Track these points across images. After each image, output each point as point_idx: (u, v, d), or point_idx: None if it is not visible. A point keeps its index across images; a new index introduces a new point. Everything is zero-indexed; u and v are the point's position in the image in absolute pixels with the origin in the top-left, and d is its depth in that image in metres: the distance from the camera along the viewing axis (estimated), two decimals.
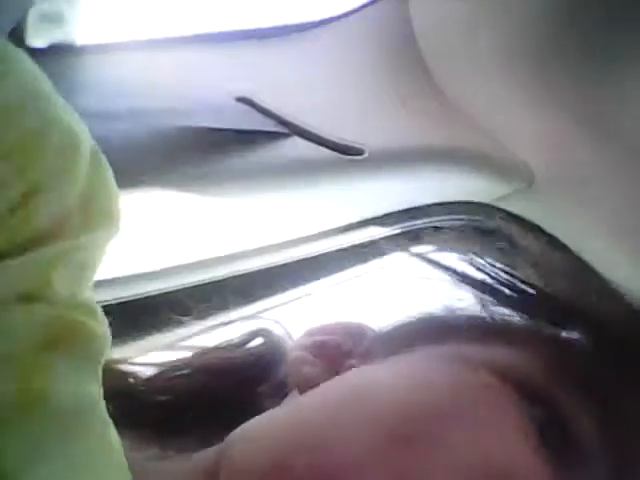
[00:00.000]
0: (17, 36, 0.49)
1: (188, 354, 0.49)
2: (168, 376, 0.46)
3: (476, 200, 0.70)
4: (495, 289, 0.44)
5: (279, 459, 0.34)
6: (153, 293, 0.54)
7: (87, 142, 0.30)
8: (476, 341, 0.40)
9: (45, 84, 0.29)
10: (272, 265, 0.60)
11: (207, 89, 0.57)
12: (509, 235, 0.71)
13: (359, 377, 0.40)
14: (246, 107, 0.57)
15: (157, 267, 0.54)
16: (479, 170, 0.68)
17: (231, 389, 0.46)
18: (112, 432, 0.29)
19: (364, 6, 0.69)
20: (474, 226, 0.70)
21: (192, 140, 0.53)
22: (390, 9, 0.69)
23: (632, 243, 0.67)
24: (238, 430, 0.38)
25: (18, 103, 0.27)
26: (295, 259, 0.61)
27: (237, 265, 0.58)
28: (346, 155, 0.58)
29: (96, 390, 0.29)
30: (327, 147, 0.58)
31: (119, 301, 0.52)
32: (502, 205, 0.71)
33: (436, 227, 0.68)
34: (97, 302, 0.31)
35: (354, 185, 0.59)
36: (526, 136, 0.68)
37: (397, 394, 0.36)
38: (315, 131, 0.58)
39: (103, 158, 0.31)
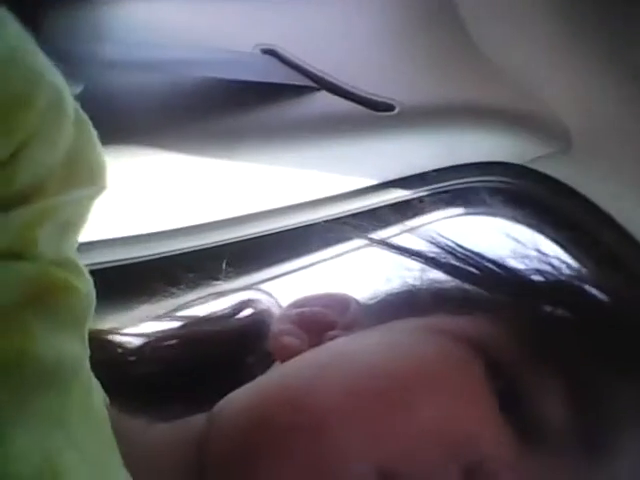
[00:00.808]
0: None
1: (176, 325, 0.48)
2: (156, 346, 0.46)
3: (511, 161, 0.68)
4: (460, 269, 0.44)
5: (264, 417, 0.36)
6: (146, 259, 0.52)
7: (71, 101, 0.29)
8: (452, 313, 0.41)
9: (30, 43, 0.28)
10: (271, 232, 0.58)
11: (232, 40, 0.55)
12: (542, 197, 0.69)
13: (340, 343, 0.41)
14: (273, 59, 0.55)
15: (155, 229, 0.52)
16: (515, 130, 0.66)
17: (219, 360, 0.46)
18: (95, 393, 0.29)
19: None
20: (507, 188, 0.68)
21: (215, 93, 0.51)
22: None
23: None
24: (226, 398, 0.39)
25: (5, 62, 0.26)
26: (309, 223, 0.59)
27: (242, 230, 0.56)
28: (376, 111, 0.56)
29: (80, 349, 0.29)
30: (357, 102, 0.56)
31: (111, 265, 0.50)
32: (538, 167, 0.69)
33: (468, 188, 0.66)
34: (87, 265, 0.31)
35: (385, 142, 0.57)
36: (565, 97, 0.65)
37: (376, 358, 0.38)
38: (344, 86, 0.56)
39: (86, 117, 0.30)
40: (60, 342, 0.27)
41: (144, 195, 0.48)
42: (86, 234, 0.32)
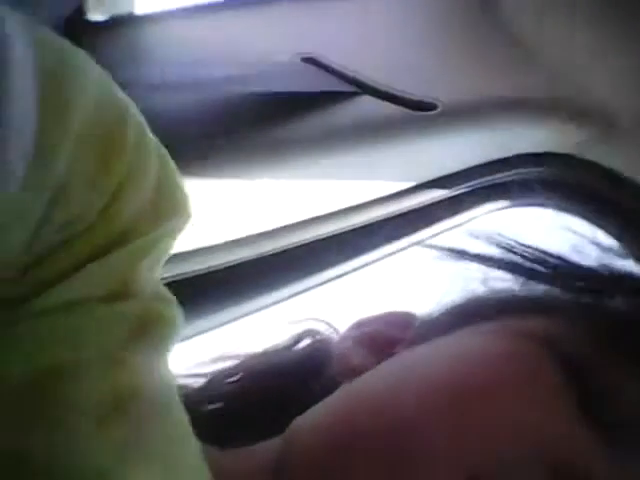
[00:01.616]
0: (78, 11, 0.48)
1: (236, 361, 0.48)
2: (218, 384, 0.47)
3: (555, 149, 0.67)
4: (527, 268, 0.43)
5: (342, 431, 0.35)
6: (201, 271, 0.52)
7: (151, 134, 0.29)
8: (521, 315, 0.40)
9: (110, 80, 0.28)
10: (336, 233, 0.58)
11: (271, 51, 0.55)
12: (590, 185, 0.68)
13: (409, 354, 0.40)
14: (313, 67, 0.55)
15: (220, 240, 0.52)
16: (556, 119, 0.65)
17: (282, 393, 0.46)
18: (186, 416, 0.30)
19: None
20: (554, 178, 0.68)
21: (259, 106, 0.51)
22: None
23: None
24: (299, 419, 0.39)
25: (97, 99, 0.26)
26: (359, 225, 0.59)
27: (312, 231, 0.56)
28: (419, 111, 0.56)
29: (171, 373, 0.30)
30: (399, 104, 0.56)
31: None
32: (582, 152, 0.68)
33: (514, 180, 0.65)
34: None
35: (429, 142, 0.57)
36: (605, 77, 0.64)
37: (449, 363, 0.37)
38: (385, 88, 0.56)
39: (164, 149, 0.31)
40: (159, 371, 0.28)
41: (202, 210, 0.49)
42: None
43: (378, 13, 0.63)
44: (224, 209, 0.50)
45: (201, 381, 0.47)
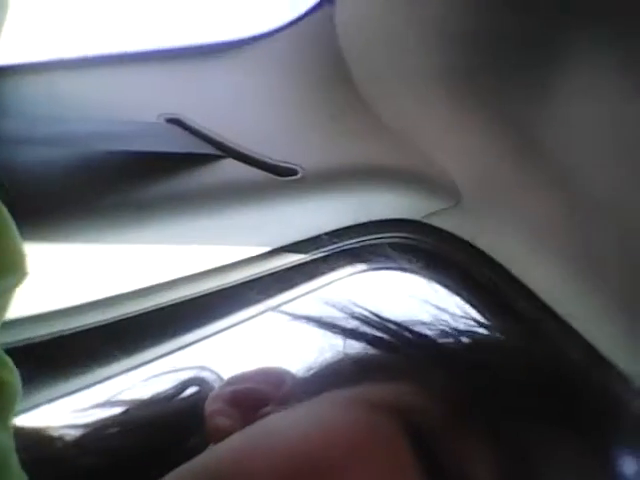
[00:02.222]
0: None
1: (117, 411, 0.47)
2: (97, 436, 0.45)
3: (406, 217, 0.70)
4: (380, 339, 0.44)
5: None
6: (64, 333, 0.51)
7: None
8: (378, 382, 0.40)
9: None
10: (193, 297, 0.58)
11: (136, 111, 0.55)
12: (442, 252, 0.72)
13: (266, 423, 0.40)
14: (177, 128, 0.55)
15: (72, 303, 0.51)
16: (409, 187, 0.68)
17: (162, 444, 0.44)
18: None
19: (291, 24, 0.69)
20: (404, 243, 0.71)
21: (120, 165, 0.51)
22: (317, 26, 0.69)
23: (554, 260, 0.68)
24: None
25: None
26: (216, 289, 0.59)
27: (166, 295, 0.56)
28: (280, 176, 0.57)
29: (9, 441, 0.29)
30: (260, 168, 0.57)
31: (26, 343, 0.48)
32: (431, 222, 0.72)
33: (370, 245, 0.68)
34: (4, 344, 0.30)
35: (289, 206, 0.59)
36: (453, 153, 0.68)
37: (298, 438, 0.36)
38: (248, 152, 0.57)
39: (1, 204, 0.30)
40: None
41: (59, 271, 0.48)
42: None
43: (244, 77, 0.64)
44: (73, 272, 0.49)
45: (77, 433, 0.44)
